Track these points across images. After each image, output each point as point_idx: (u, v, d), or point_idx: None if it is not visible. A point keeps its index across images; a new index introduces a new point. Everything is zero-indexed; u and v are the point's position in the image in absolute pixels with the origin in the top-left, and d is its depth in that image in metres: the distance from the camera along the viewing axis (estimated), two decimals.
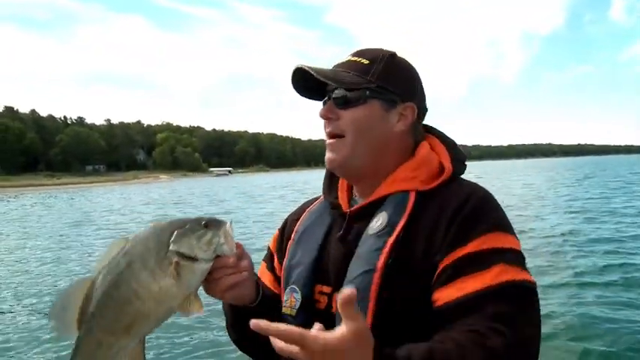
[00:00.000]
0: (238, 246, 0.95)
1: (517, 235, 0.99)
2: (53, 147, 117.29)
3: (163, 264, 0.83)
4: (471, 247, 0.91)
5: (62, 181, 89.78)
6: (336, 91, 1.06)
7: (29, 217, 24.60)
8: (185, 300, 0.86)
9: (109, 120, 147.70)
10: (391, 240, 0.96)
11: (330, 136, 1.08)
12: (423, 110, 1.12)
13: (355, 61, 1.08)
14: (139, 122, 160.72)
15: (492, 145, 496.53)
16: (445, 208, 0.97)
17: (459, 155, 1.10)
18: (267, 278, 1.23)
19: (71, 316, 0.86)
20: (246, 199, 31.17)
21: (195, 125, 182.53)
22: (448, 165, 1.05)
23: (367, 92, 1.04)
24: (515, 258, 0.93)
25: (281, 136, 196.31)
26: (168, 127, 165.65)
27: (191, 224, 0.87)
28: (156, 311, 0.86)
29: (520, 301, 0.88)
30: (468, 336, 0.82)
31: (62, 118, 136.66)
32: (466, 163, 1.13)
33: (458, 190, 1.01)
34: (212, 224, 0.88)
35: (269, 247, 1.29)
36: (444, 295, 0.90)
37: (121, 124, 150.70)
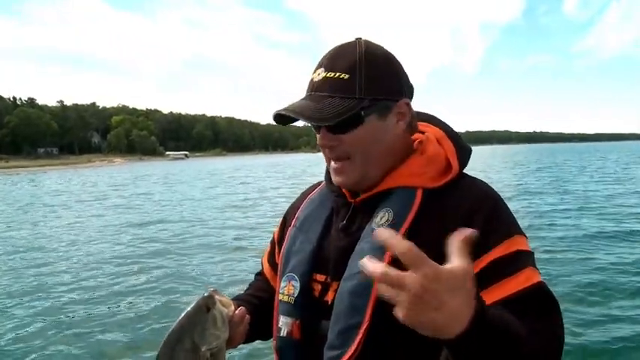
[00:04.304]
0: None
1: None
2: (1, 129, 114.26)
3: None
4: (496, 253, 0.88)
5: (11, 164, 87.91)
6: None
7: None
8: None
9: (61, 101, 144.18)
10: None
11: (336, 159, 1.02)
12: (412, 95, 1.04)
13: (333, 77, 0.96)
14: (93, 104, 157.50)
15: None
16: (456, 209, 0.93)
17: (465, 148, 1.05)
18: (266, 267, 1.28)
19: None
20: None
21: (152, 108, 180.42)
22: (455, 162, 1.00)
23: (362, 112, 0.95)
24: (534, 261, 0.92)
25: (239, 120, 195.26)
26: (123, 110, 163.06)
27: (198, 318, 0.92)
28: None
29: (549, 303, 0.88)
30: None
31: (11, 99, 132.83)
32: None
33: (468, 189, 0.97)
34: (208, 303, 0.93)
35: (273, 236, 1.28)
36: None
37: (75, 105, 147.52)
